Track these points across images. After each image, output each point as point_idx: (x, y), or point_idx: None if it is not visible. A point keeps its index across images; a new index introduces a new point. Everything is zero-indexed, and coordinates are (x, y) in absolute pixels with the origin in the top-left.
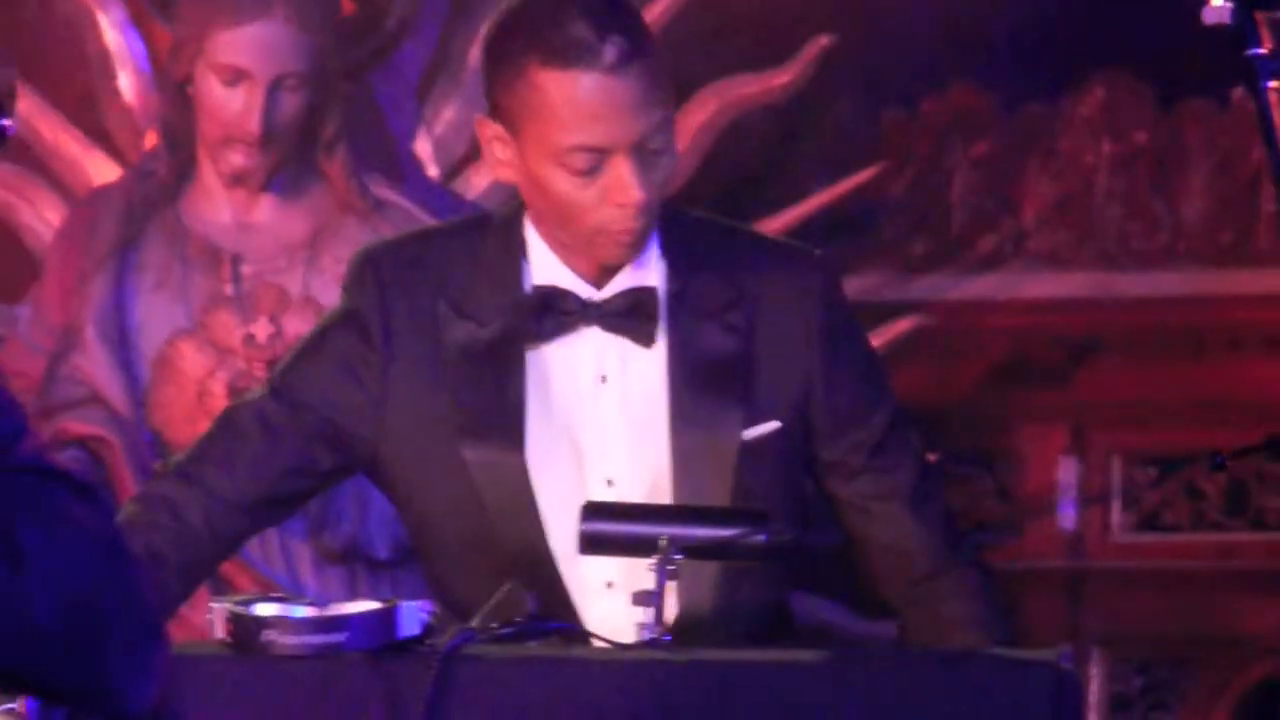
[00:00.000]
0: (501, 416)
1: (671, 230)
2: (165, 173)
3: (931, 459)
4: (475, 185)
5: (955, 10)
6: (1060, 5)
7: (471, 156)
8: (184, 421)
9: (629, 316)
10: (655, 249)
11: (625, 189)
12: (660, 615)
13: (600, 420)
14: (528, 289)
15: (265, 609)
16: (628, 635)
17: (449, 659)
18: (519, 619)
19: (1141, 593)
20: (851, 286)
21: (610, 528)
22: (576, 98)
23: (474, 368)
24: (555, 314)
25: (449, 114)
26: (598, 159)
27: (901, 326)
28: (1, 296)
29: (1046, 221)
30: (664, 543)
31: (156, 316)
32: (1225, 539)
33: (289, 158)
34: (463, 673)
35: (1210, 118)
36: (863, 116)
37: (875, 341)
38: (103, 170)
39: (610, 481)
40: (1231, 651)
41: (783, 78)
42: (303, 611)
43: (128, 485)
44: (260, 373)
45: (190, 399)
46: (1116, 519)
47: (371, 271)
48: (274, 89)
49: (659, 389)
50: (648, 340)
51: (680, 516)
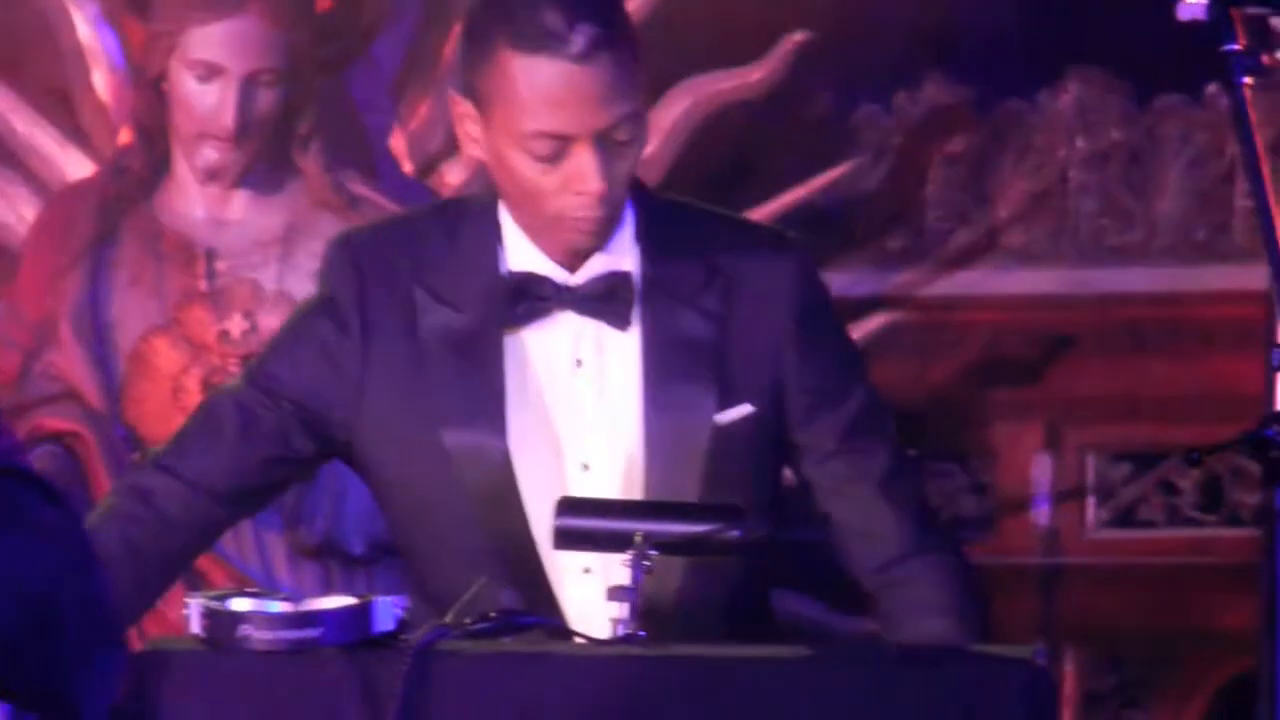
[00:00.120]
0: (482, 402)
1: (646, 214)
2: (140, 168)
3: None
4: (450, 181)
5: (930, 6)
6: (1035, 2)
7: (446, 152)
8: (158, 417)
9: (604, 300)
10: (630, 233)
11: (585, 178)
12: (635, 611)
13: (576, 404)
14: (504, 274)
15: (240, 604)
16: (604, 621)
17: (423, 654)
18: (493, 614)
19: (1116, 589)
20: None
21: (584, 523)
22: (540, 84)
23: (453, 353)
24: (530, 299)
25: (424, 110)
26: (560, 146)
27: (876, 322)
28: None
29: (1021, 218)
30: (639, 538)
31: (131, 312)
32: (1200, 535)
33: (263, 154)
34: (437, 668)
35: (1185, 114)
36: (837, 112)
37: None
38: (77, 166)
39: (586, 465)
40: (1206, 648)
41: (758, 73)
42: (278, 607)
43: (102, 480)
44: (235, 369)
45: (165, 395)
46: (1091, 515)
47: (348, 258)
48: (248, 85)
49: (633, 373)
50: (623, 324)
51: (655, 512)
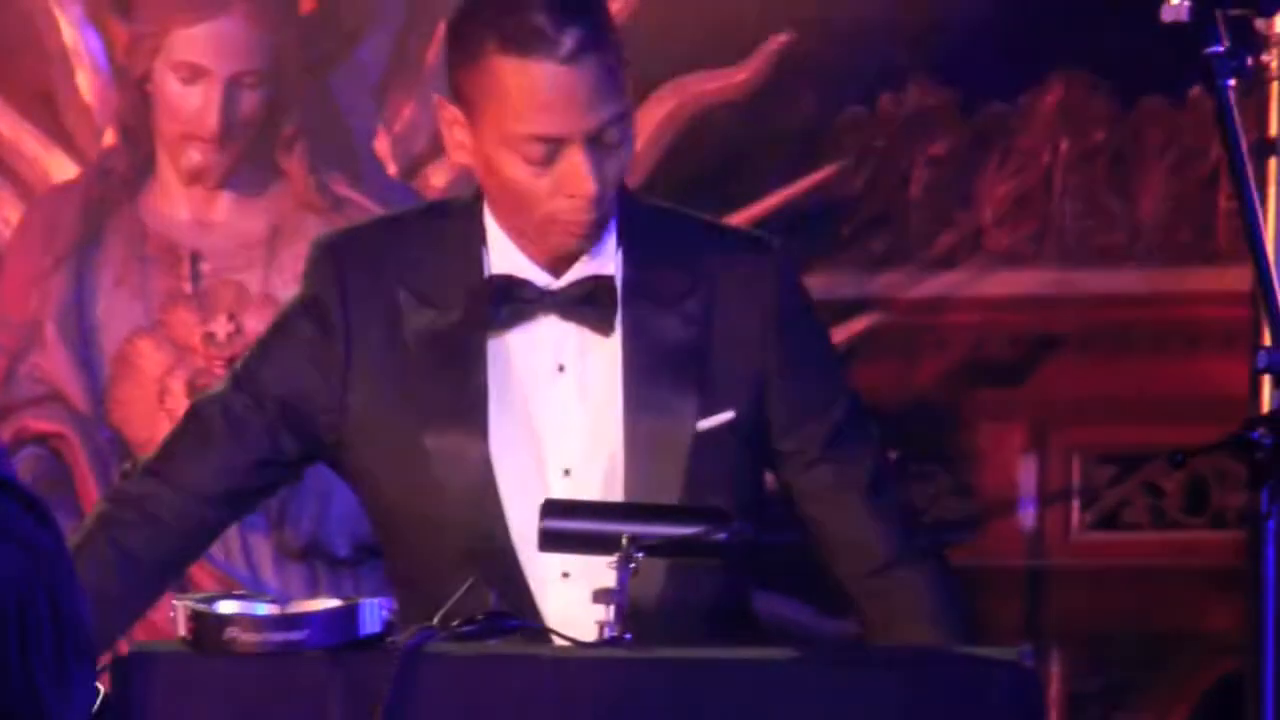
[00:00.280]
0: (464, 405)
1: (629, 219)
2: (124, 170)
3: (891, 456)
4: (434, 183)
5: (914, 8)
6: (1019, 3)
7: (430, 155)
8: (143, 419)
9: (586, 305)
10: (613, 237)
11: (578, 180)
12: (621, 613)
13: (558, 409)
14: (487, 277)
15: (227, 606)
16: (585, 625)
17: (410, 656)
18: (480, 616)
19: (1101, 591)
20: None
21: (571, 525)
22: (532, 87)
23: (435, 356)
24: (513, 302)
25: (408, 112)
26: (552, 149)
27: (860, 324)
28: None
29: (1005, 219)
30: (625, 541)
31: (116, 314)
32: (1185, 537)
33: (247, 155)
34: (424, 670)
35: (1169, 116)
36: (821, 114)
37: (834, 339)
38: (61, 168)
39: (567, 470)
40: (1191, 650)
41: (741, 75)
42: (264, 609)
43: (88, 482)
44: (220, 371)
45: (150, 397)
46: (1076, 517)
47: (331, 259)
48: (232, 87)
49: (615, 378)
50: (605, 329)
51: (641, 514)
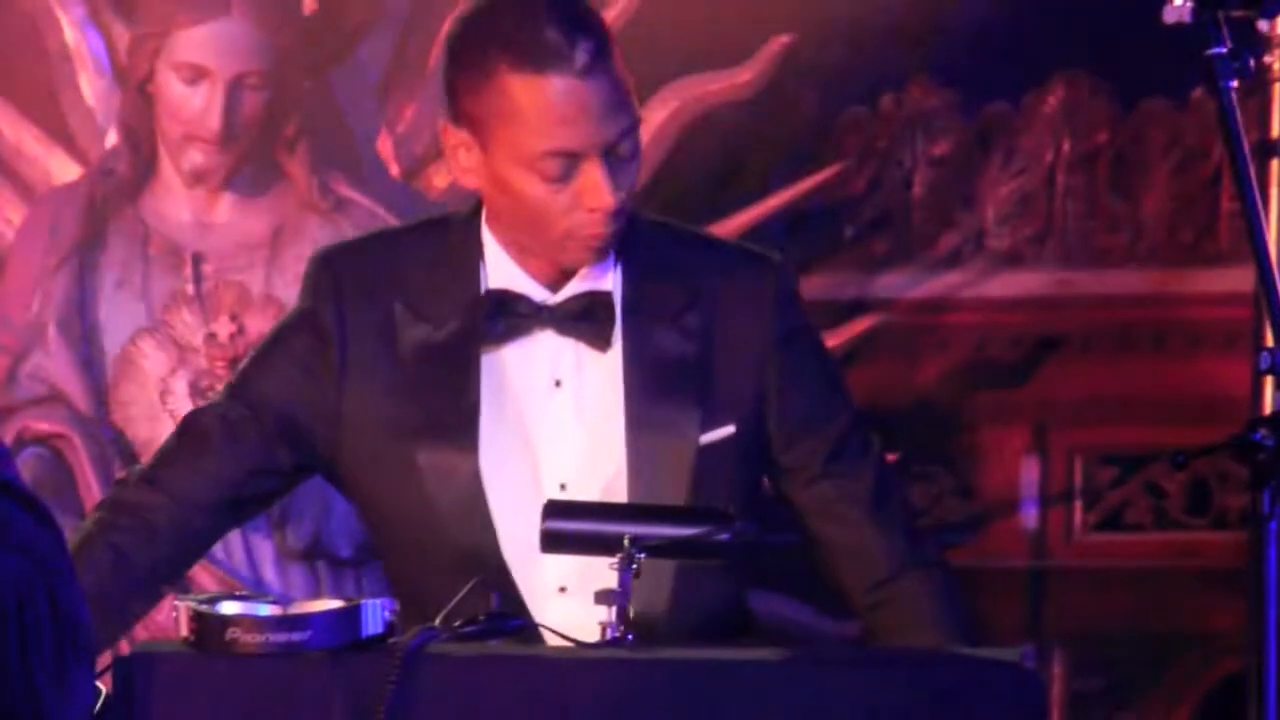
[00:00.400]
0: (456, 419)
1: (627, 234)
2: (126, 171)
3: (891, 459)
4: (436, 185)
5: (915, 9)
6: (1021, 4)
7: (432, 156)
8: (146, 420)
9: (584, 320)
10: (611, 253)
11: (598, 193)
12: (624, 614)
13: (555, 424)
14: (484, 291)
15: (229, 607)
16: (584, 638)
17: (412, 657)
18: (482, 617)
19: (1103, 592)
20: (812, 285)
21: (572, 526)
22: (549, 102)
23: (429, 370)
24: (510, 317)
25: (410, 113)
26: (569, 164)
27: (862, 325)
28: None
29: (1007, 220)
30: (626, 542)
31: (118, 315)
32: (1187, 538)
33: (249, 156)
34: (426, 671)
35: (1171, 117)
36: (823, 115)
37: (836, 340)
38: (63, 169)
39: (564, 485)
40: (1194, 651)
41: (743, 76)
42: (266, 610)
43: (89, 483)
44: (222, 371)
45: (152, 397)
46: (1078, 518)
47: (328, 272)
48: (234, 87)
49: (614, 393)
50: (603, 344)
51: (643, 515)
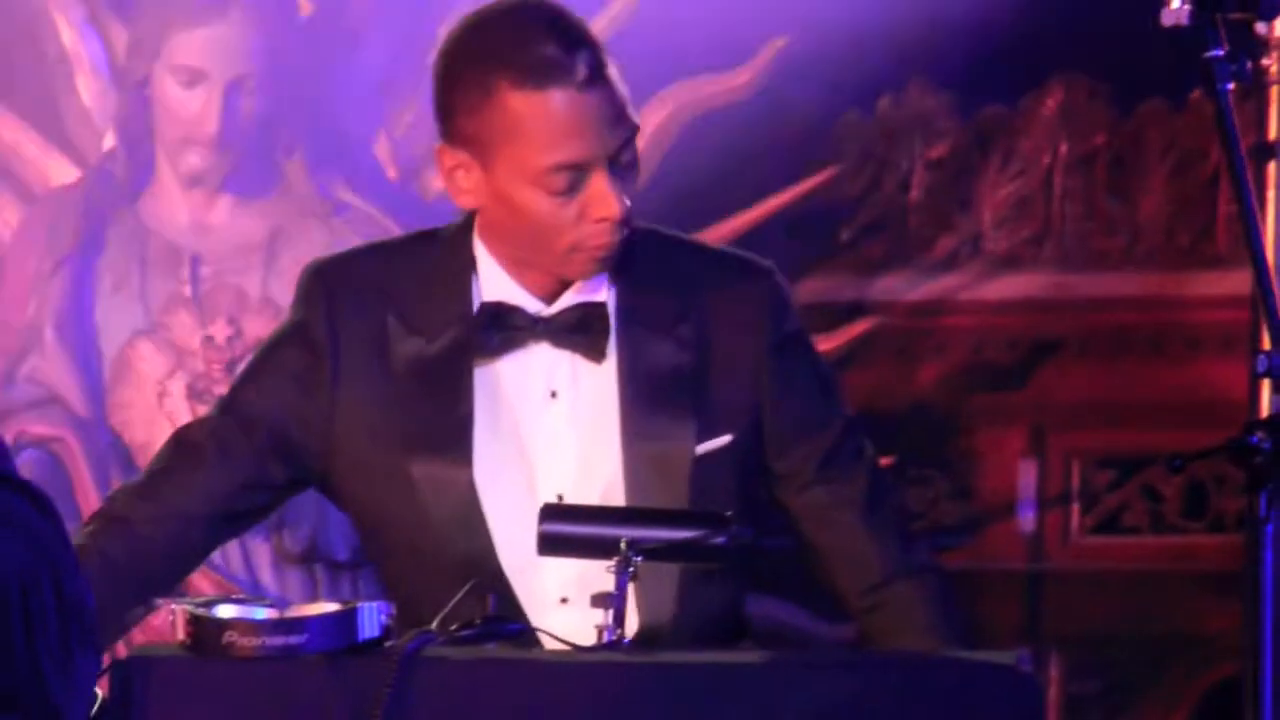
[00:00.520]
0: (450, 432)
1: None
2: (124, 174)
3: (885, 463)
4: (434, 188)
5: (912, 11)
6: (1019, 7)
7: (430, 159)
8: (143, 422)
9: (579, 331)
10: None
11: (606, 203)
12: (620, 617)
13: (550, 435)
14: (477, 304)
15: (225, 610)
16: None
17: (409, 661)
18: (479, 621)
19: (1100, 595)
20: (809, 288)
21: (569, 529)
22: (552, 117)
23: (423, 383)
24: (504, 329)
25: (408, 117)
26: (575, 176)
27: (859, 328)
28: None
29: (1004, 223)
30: (623, 545)
31: (116, 317)
32: (1184, 541)
33: (247, 159)
34: (423, 675)
35: (1168, 119)
36: (820, 118)
37: (833, 343)
38: (61, 171)
39: (560, 496)
40: (1190, 654)
41: (740, 79)
42: (262, 613)
43: (87, 486)
44: (219, 374)
45: (149, 400)
46: (1075, 521)
47: (320, 285)
48: (232, 90)
49: (610, 404)
50: (598, 355)
51: (640, 518)
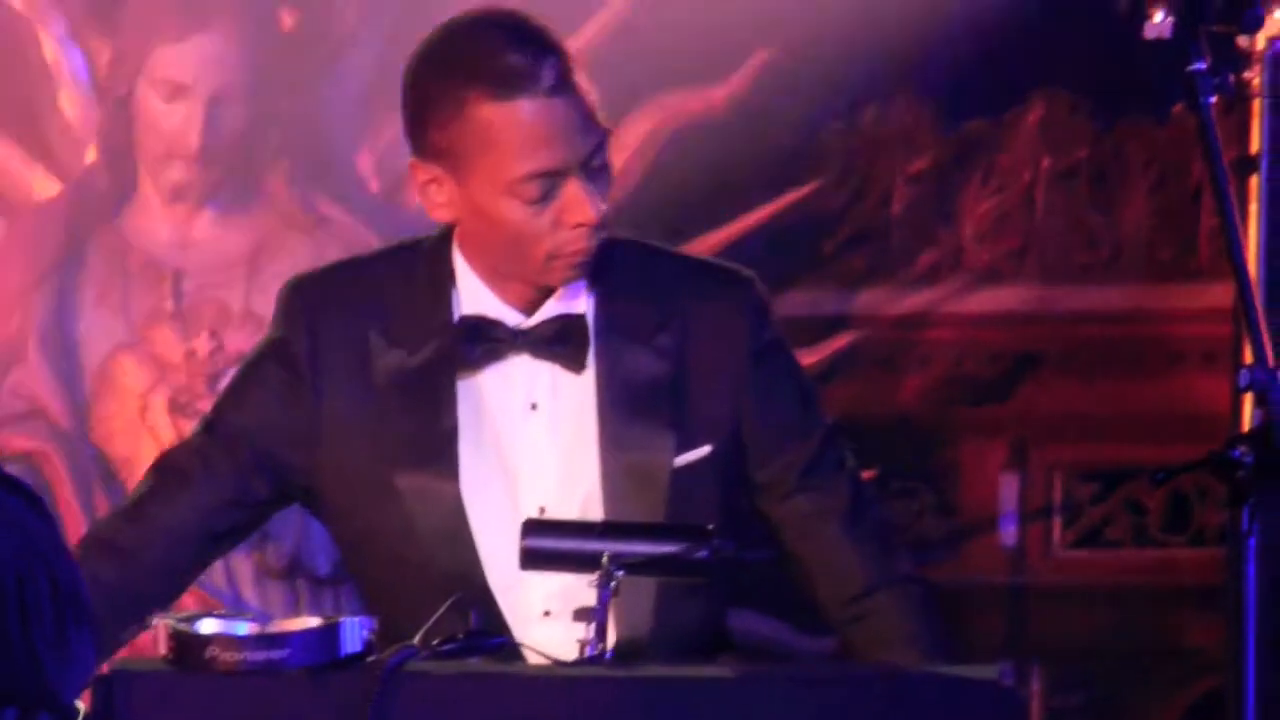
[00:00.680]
0: (435, 445)
1: (599, 255)
2: (106, 187)
3: (867, 476)
4: (417, 201)
5: (895, 26)
6: (1001, 21)
7: None
8: (125, 436)
9: (558, 343)
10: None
11: (581, 209)
12: (602, 632)
13: (531, 447)
14: (457, 317)
15: (208, 625)
16: (567, 660)
17: (391, 675)
18: (461, 635)
19: (1083, 608)
20: (792, 301)
21: (551, 544)
22: (522, 125)
23: (406, 396)
24: (484, 342)
25: (391, 130)
26: (549, 184)
27: (841, 341)
28: None
29: (986, 236)
30: (605, 559)
31: (98, 331)
32: (1166, 555)
33: (229, 173)
34: (405, 689)
35: (1150, 133)
36: (803, 131)
37: (815, 356)
38: (43, 185)
39: (543, 509)
40: (1173, 667)
41: (723, 92)
42: (245, 628)
43: (69, 499)
44: (201, 388)
45: (132, 413)
46: (1057, 534)
47: (299, 301)
48: (214, 104)
49: (589, 415)
50: (578, 366)
51: (622, 532)
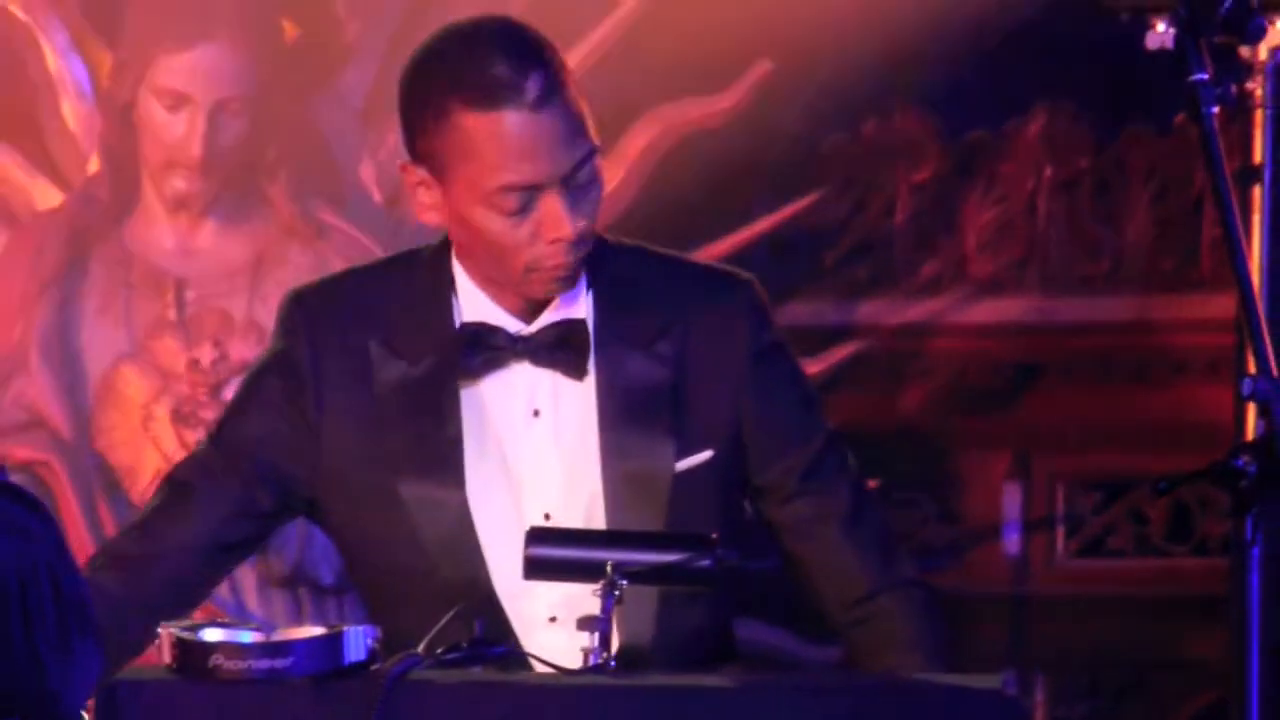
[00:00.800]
0: (439, 454)
1: (598, 261)
2: (108, 197)
3: (871, 485)
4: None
5: (896, 36)
6: (1003, 31)
7: None
8: (128, 446)
9: (559, 350)
10: (583, 281)
11: (558, 224)
12: (606, 640)
13: (535, 454)
14: (457, 325)
15: (211, 634)
16: (572, 667)
17: (395, 684)
18: (465, 644)
19: (1086, 618)
20: (794, 311)
21: (555, 552)
22: (503, 137)
23: (409, 405)
24: (485, 350)
25: (393, 139)
26: (528, 197)
27: (844, 351)
28: None
29: (988, 247)
30: (609, 568)
31: (100, 341)
32: (1169, 564)
33: (232, 183)
34: (409, 698)
35: (1152, 143)
36: (805, 141)
37: (818, 366)
38: (46, 195)
39: (547, 515)
40: (1176, 677)
41: (725, 103)
42: (248, 636)
43: (72, 509)
44: (204, 397)
45: (134, 423)
46: (1060, 544)
47: (300, 312)
48: (216, 113)
49: (591, 422)
50: (579, 373)
51: (626, 541)
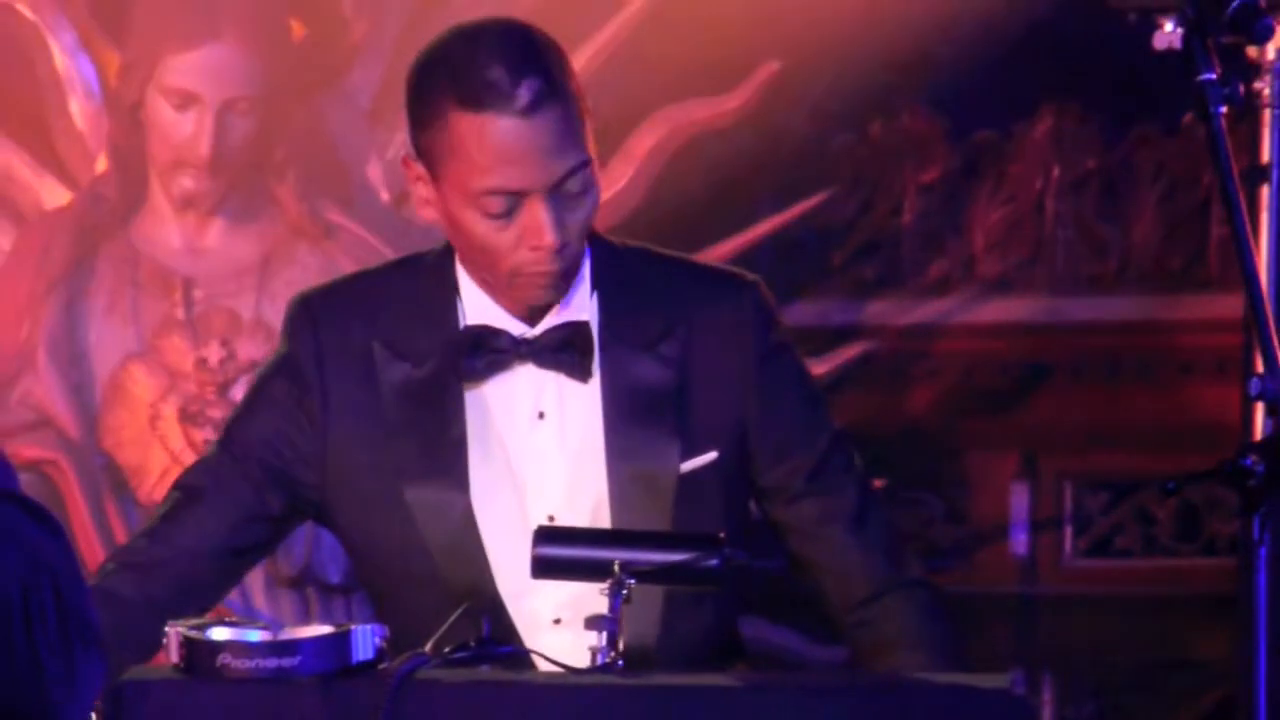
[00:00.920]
0: (444, 457)
1: (603, 263)
2: (116, 197)
3: (877, 485)
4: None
5: (904, 36)
6: (1011, 32)
7: None
8: (135, 445)
9: (563, 352)
10: (587, 283)
11: (540, 232)
12: (614, 640)
13: (539, 456)
14: (462, 328)
15: (219, 633)
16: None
17: (402, 683)
18: (472, 643)
19: (1093, 618)
20: (801, 311)
21: (563, 552)
22: (490, 141)
23: (413, 408)
24: (489, 352)
25: (400, 139)
26: (513, 202)
27: (851, 351)
28: None
29: (996, 247)
30: (617, 567)
31: (108, 340)
32: (1177, 564)
33: (239, 182)
34: (416, 697)
35: (1160, 143)
36: (812, 141)
37: (825, 367)
38: (54, 194)
39: (551, 517)
40: (1184, 677)
41: (732, 103)
42: (256, 636)
43: (80, 509)
44: (211, 396)
45: (142, 422)
46: (1068, 544)
47: (305, 316)
48: (224, 113)
49: (596, 423)
50: (583, 375)
51: (633, 540)
